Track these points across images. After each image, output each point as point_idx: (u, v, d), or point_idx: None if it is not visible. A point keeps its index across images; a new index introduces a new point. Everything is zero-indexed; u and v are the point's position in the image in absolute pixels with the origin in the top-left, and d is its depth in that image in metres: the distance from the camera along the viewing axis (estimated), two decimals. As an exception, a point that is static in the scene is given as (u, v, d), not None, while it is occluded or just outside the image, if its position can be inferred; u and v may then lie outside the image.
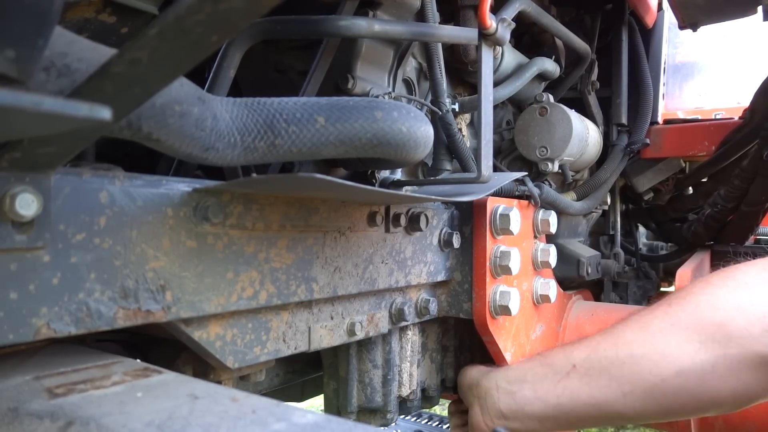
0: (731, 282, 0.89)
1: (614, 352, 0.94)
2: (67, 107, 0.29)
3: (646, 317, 0.95)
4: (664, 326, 0.91)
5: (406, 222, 0.95)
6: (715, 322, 0.86)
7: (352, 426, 0.43)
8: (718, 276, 0.93)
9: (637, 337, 0.93)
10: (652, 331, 0.92)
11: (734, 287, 0.88)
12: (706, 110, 2.56)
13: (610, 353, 0.94)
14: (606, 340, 0.97)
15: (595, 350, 0.97)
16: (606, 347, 0.96)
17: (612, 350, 0.94)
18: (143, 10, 0.70)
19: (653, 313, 0.95)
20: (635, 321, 0.97)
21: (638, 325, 0.95)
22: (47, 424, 0.45)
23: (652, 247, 2.50)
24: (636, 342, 0.93)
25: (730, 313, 0.85)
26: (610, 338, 0.97)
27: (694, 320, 0.88)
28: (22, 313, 0.49)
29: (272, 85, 1.20)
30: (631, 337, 0.94)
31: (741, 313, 0.84)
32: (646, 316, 0.96)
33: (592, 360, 0.96)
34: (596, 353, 0.96)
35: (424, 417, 3.39)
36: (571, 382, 0.97)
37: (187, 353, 0.74)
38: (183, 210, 0.62)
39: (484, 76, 1.00)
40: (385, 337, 1.07)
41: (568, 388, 0.97)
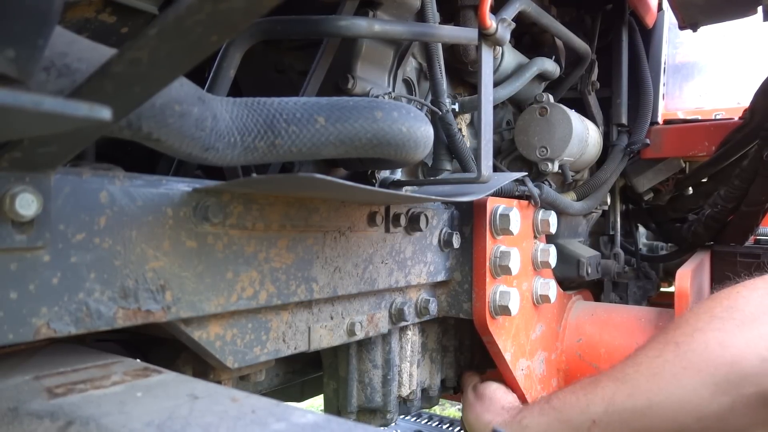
0: (737, 314, 0.89)
1: (631, 403, 0.93)
2: (67, 107, 0.29)
3: (657, 361, 0.94)
4: (677, 371, 0.90)
5: (406, 222, 0.95)
6: (728, 363, 0.86)
7: (352, 426, 0.43)
8: (721, 306, 0.92)
9: (652, 386, 0.93)
10: (665, 377, 0.91)
11: (740, 321, 0.88)
12: (706, 110, 2.56)
13: (628, 405, 0.94)
14: (621, 391, 0.96)
15: (612, 403, 0.96)
16: (623, 399, 0.95)
17: (629, 402, 0.94)
18: (143, 10, 0.70)
19: (662, 356, 0.94)
20: (646, 366, 0.95)
21: (650, 371, 0.94)
22: (47, 423, 0.45)
23: (652, 248, 2.50)
24: (652, 391, 0.92)
25: (740, 351, 0.85)
26: (625, 388, 0.96)
27: (705, 362, 0.88)
28: (22, 313, 0.49)
29: (272, 85, 1.20)
30: (646, 385, 0.93)
31: (752, 351, 0.84)
32: (656, 359, 0.94)
33: (611, 414, 0.95)
34: (614, 406, 0.95)
35: (424, 417, 3.39)
36: None
37: (187, 353, 0.74)
38: (183, 210, 0.62)
39: (484, 76, 1.00)
40: (385, 337, 1.07)
41: None
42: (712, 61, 2.65)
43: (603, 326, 1.41)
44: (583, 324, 1.43)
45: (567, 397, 1.03)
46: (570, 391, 1.03)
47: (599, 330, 1.40)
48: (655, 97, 2.03)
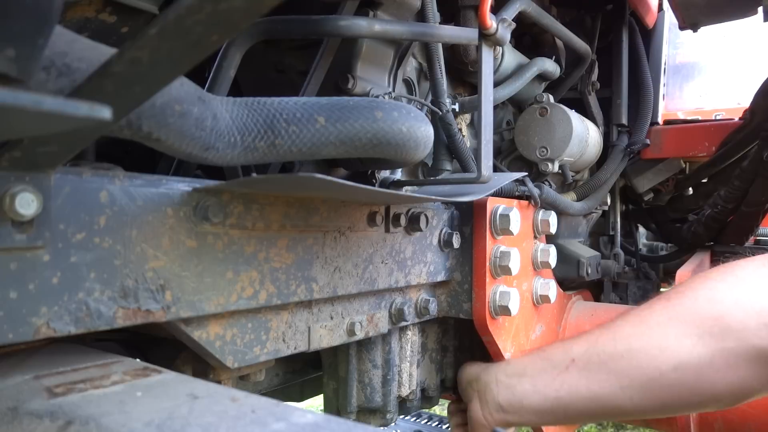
0: (730, 277, 0.90)
1: (613, 345, 0.95)
2: (67, 107, 0.29)
3: (645, 311, 0.96)
4: (662, 320, 0.91)
5: (406, 222, 0.95)
6: (713, 316, 0.86)
7: (351, 426, 0.42)
8: (717, 271, 0.93)
9: (635, 331, 0.94)
10: (650, 324, 0.93)
11: (733, 282, 0.88)
12: (707, 111, 2.56)
13: (609, 347, 0.95)
14: (605, 335, 0.98)
15: (594, 344, 0.97)
16: (605, 341, 0.96)
17: (610, 344, 0.95)
18: (144, 10, 0.70)
19: (652, 308, 0.95)
20: (634, 315, 0.97)
21: (637, 319, 0.96)
22: (47, 423, 0.45)
23: (652, 248, 2.50)
24: (634, 336, 0.93)
25: (728, 307, 0.86)
26: (609, 332, 0.97)
27: (692, 314, 0.89)
28: (22, 313, 0.49)
29: (272, 84, 1.20)
30: (630, 331, 0.95)
31: (739, 307, 0.85)
32: (645, 310, 0.96)
33: (591, 354, 0.97)
34: (595, 347, 0.97)
35: (423, 417, 3.39)
36: (570, 375, 0.97)
37: (187, 353, 0.74)
38: (183, 209, 0.62)
39: (484, 76, 1.00)
40: (385, 337, 1.07)
41: (567, 381, 0.98)
42: (713, 62, 2.65)
43: (603, 326, 1.40)
44: (583, 324, 1.43)
45: (555, 343, 1.08)
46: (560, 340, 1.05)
47: (599, 330, 1.40)
48: (656, 98, 2.03)
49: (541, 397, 1.00)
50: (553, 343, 1.08)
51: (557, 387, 0.98)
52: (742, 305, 0.84)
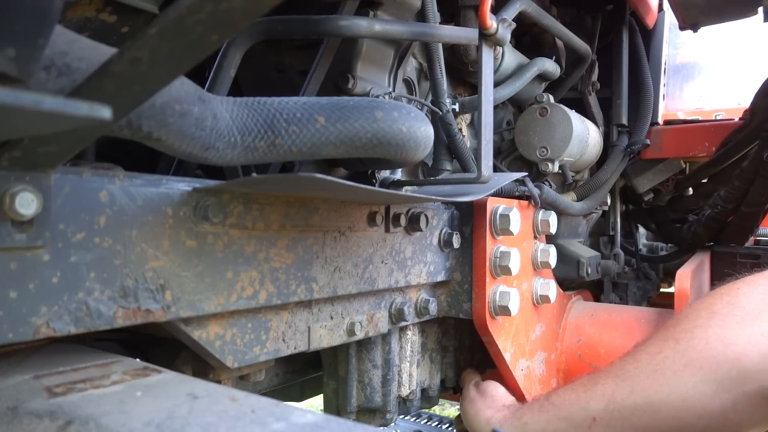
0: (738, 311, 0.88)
1: (632, 400, 0.92)
2: (67, 106, 0.29)
3: (657, 358, 0.93)
4: (678, 368, 0.90)
5: (406, 222, 0.95)
6: (729, 360, 0.85)
7: (351, 426, 0.42)
8: (722, 302, 0.92)
9: (652, 383, 0.92)
10: (665, 374, 0.91)
11: (741, 318, 0.87)
12: (707, 111, 2.56)
13: (629, 402, 0.93)
14: (621, 388, 0.95)
15: (612, 400, 0.95)
16: (623, 396, 0.94)
17: (630, 399, 0.93)
18: (144, 10, 0.70)
19: (663, 353, 0.93)
20: (646, 363, 0.95)
21: (650, 367, 0.93)
22: (46, 423, 0.45)
23: (652, 248, 2.50)
24: (653, 388, 0.91)
25: (742, 348, 0.85)
26: (625, 385, 0.95)
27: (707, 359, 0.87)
28: (22, 312, 0.49)
29: (273, 84, 1.20)
30: (647, 382, 0.92)
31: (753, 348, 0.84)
32: (657, 356, 0.94)
33: (612, 411, 0.94)
34: (614, 403, 0.94)
35: (423, 417, 3.39)
36: None
37: (187, 353, 0.74)
38: (183, 209, 0.62)
39: (484, 76, 1.00)
40: (385, 337, 1.07)
41: None
42: (713, 62, 2.65)
43: (603, 327, 1.41)
44: (583, 324, 1.43)
45: (567, 395, 1.02)
46: (570, 389, 1.03)
47: (599, 330, 1.40)
48: (656, 98, 2.03)
49: None
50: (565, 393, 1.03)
51: None
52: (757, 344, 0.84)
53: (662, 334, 0.96)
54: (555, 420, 1.01)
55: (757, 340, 0.84)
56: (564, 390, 1.04)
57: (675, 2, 1.81)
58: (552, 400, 1.04)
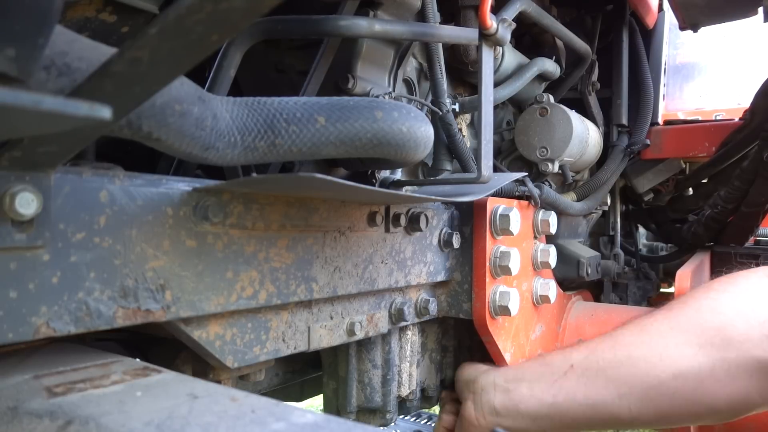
0: (733, 288, 0.90)
1: (612, 353, 0.94)
2: (67, 106, 0.29)
3: (646, 320, 0.95)
4: (664, 329, 0.91)
5: (406, 222, 0.95)
6: (715, 326, 0.86)
7: (351, 426, 0.42)
8: (720, 282, 0.93)
9: (635, 339, 0.93)
10: (651, 333, 0.92)
11: (736, 293, 0.88)
12: (707, 111, 2.56)
13: (608, 354, 0.94)
14: (605, 342, 0.97)
15: (594, 351, 0.97)
16: (604, 348, 0.96)
17: (610, 352, 0.94)
18: (144, 9, 0.70)
19: (653, 317, 0.95)
20: (635, 324, 0.97)
21: (638, 327, 0.95)
22: (46, 423, 0.45)
23: (652, 248, 2.50)
24: (634, 344, 0.93)
25: (730, 317, 0.85)
26: (610, 340, 0.97)
27: (694, 324, 0.88)
28: (22, 312, 0.49)
29: (273, 84, 1.20)
30: (630, 339, 0.94)
31: (741, 318, 0.84)
32: (647, 319, 0.96)
33: (590, 361, 0.96)
34: (594, 354, 0.96)
35: (423, 417, 3.39)
36: (568, 382, 0.97)
37: (187, 353, 0.74)
38: (183, 209, 0.62)
39: (484, 76, 1.00)
40: (385, 337, 1.07)
41: (564, 387, 0.97)
42: (713, 62, 2.65)
43: (603, 327, 1.40)
44: (583, 324, 1.43)
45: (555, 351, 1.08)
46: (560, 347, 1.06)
47: (599, 330, 1.40)
48: (656, 98, 2.03)
49: (537, 402, 0.99)
50: (554, 351, 1.07)
51: (554, 392, 0.97)
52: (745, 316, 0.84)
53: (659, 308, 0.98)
54: (536, 365, 1.05)
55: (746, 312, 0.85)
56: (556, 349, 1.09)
57: (675, 2, 1.81)
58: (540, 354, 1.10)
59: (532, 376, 1.02)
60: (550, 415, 0.98)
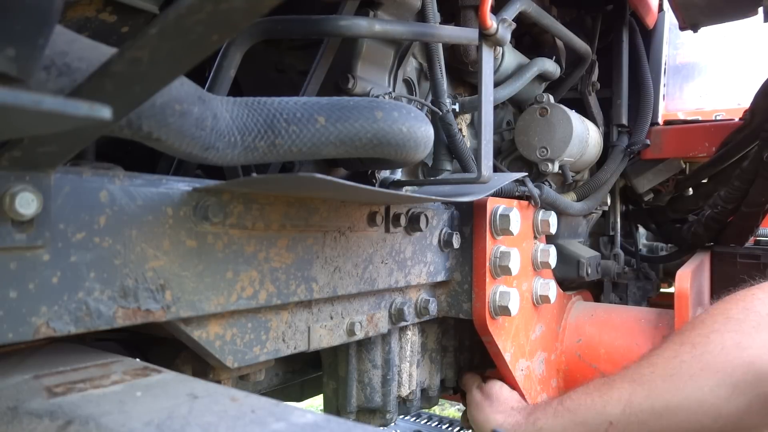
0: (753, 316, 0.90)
1: (649, 404, 0.93)
2: (68, 106, 0.29)
3: (673, 362, 0.94)
4: (694, 372, 0.91)
5: (406, 222, 0.95)
6: (745, 363, 0.86)
7: (351, 426, 0.42)
8: (737, 308, 0.93)
9: (669, 387, 0.93)
10: (682, 378, 0.92)
11: (757, 323, 0.89)
12: (707, 111, 2.56)
13: (645, 406, 0.94)
14: (637, 392, 0.96)
15: (629, 404, 0.95)
16: (640, 400, 0.95)
17: (647, 403, 0.94)
18: (144, 10, 0.70)
19: (679, 357, 0.94)
20: (662, 366, 0.95)
21: (666, 371, 0.94)
22: (46, 422, 0.45)
23: (652, 248, 2.50)
24: (669, 392, 0.92)
25: (757, 352, 0.86)
26: (642, 389, 0.95)
27: (723, 363, 0.88)
28: (22, 312, 0.49)
29: (273, 84, 1.20)
30: (663, 386, 0.93)
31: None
32: (673, 360, 0.94)
33: (629, 415, 0.95)
34: (631, 407, 0.95)
35: (423, 417, 3.39)
36: None
37: (187, 353, 0.74)
38: (183, 209, 0.62)
39: (484, 76, 1.00)
40: (385, 337, 1.07)
41: None
42: (713, 62, 2.65)
43: (603, 327, 1.41)
44: (583, 324, 1.43)
45: (581, 399, 1.03)
46: (584, 392, 1.03)
47: (599, 330, 1.40)
48: (656, 98, 2.03)
49: None
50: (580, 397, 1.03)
51: None
52: None
53: (678, 339, 0.97)
54: (571, 425, 1.01)
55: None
56: (578, 394, 1.04)
57: (675, 2, 1.81)
58: (566, 405, 1.04)
59: None
60: None
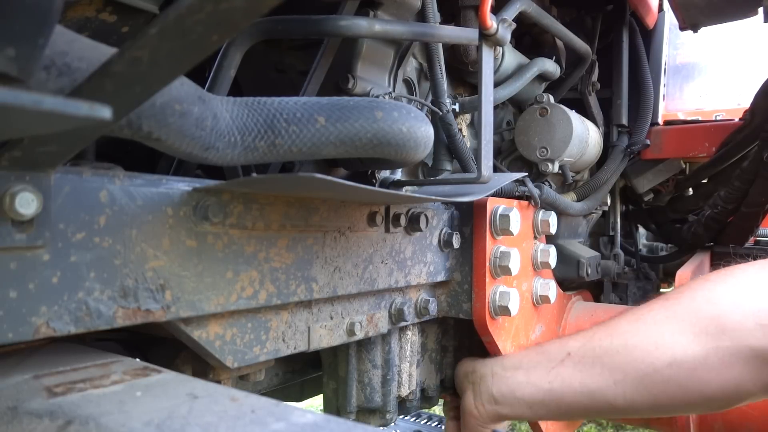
0: (730, 279, 0.91)
1: (609, 341, 0.96)
2: (68, 106, 0.29)
3: (643, 310, 0.97)
4: (660, 318, 0.93)
5: (406, 222, 0.95)
6: (710, 316, 0.87)
7: (351, 426, 0.42)
8: (717, 274, 0.95)
9: (631, 328, 0.95)
10: (646, 321, 0.94)
11: (732, 284, 0.90)
12: (707, 111, 2.56)
13: (605, 342, 0.96)
14: (601, 331, 0.99)
15: (590, 339, 0.99)
16: (601, 337, 0.98)
17: (606, 340, 0.96)
18: (144, 9, 0.70)
19: (650, 307, 0.97)
20: (632, 313, 0.99)
21: (634, 316, 0.97)
22: (46, 422, 0.45)
23: (652, 248, 2.50)
24: (630, 332, 0.95)
25: (725, 307, 0.87)
26: (606, 329, 0.99)
27: (689, 313, 0.90)
28: (22, 312, 0.49)
29: (273, 84, 1.20)
30: (626, 327, 0.96)
31: (736, 308, 0.86)
32: (643, 308, 0.98)
33: (587, 348, 0.98)
34: (591, 342, 0.98)
35: (423, 417, 3.39)
36: (565, 369, 0.99)
37: (187, 353, 0.74)
38: (183, 209, 0.62)
39: (484, 76, 1.00)
40: (385, 337, 1.07)
41: (561, 374, 0.99)
42: (713, 62, 2.65)
43: (603, 327, 1.41)
44: (583, 324, 1.43)
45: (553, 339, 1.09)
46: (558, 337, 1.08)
47: (599, 330, 1.40)
48: (656, 98, 2.03)
49: (533, 389, 1.01)
50: (552, 340, 1.09)
51: (551, 379, 0.99)
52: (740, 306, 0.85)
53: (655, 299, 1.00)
54: (533, 353, 1.07)
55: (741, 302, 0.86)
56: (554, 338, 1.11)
57: (675, 3, 1.81)
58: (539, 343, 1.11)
59: (529, 363, 1.04)
60: (546, 402, 1.00)
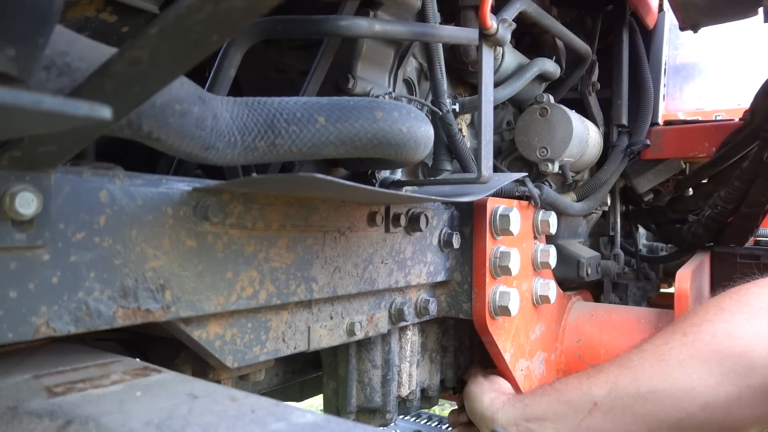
0: (746, 308, 0.89)
1: (635, 388, 0.92)
2: (68, 106, 0.29)
3: (662, 348, 0.93)
4: (683, 358, 0.89)
5: (406, 222, 0.95)
6: (735, 353, 0.85)
7: (351, 426, 0.42)
8: (731, 300, 0.92)
9: (656, 372, 0.92)
10: (671, 363, 0.90)
11: (750, 314, 0.87)
12: (707, 111, 2.56)
13: (631, 389, 0.93)
14: (625, 375, 0.95)
15: (615, 386, 0.94)
16: (626, 383, 0.94)
17: (632, 386, 0.93)
18: (144, 9, 0.70)
19: (669, 344, 0.93)
20: (652, 351, 0.95)
21: (656, 357, 0.93)
22: (46, 422, 0.45)
23: (652, 248, 2.50)
24: (656, 376, 0.91)
25: (749, 342, 0.85)
26: (629, 373, 0.95)
27: (713, 351, 0.87)
28: (22, 312, 0.49)
29: (273, 84, 1.20)
30: (650, 371, 0.92)
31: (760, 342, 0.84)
32: (663, 347, 0.94)
33: (614, 397, 0.94)
34: (617, 390, 0.94)
35: (423, 417, 3.39)
36: (594, 421, 0.95)
37: (187, 352, 0.74)
38: (183, 209, 0.62)
39: (484, 76, 1.00)
40: (385, 337, 1.07)
41: (592, 427, 0.95)
42: (713, 63, 2.65)
43: (602, 327, 1.41)
44: (583, 325, 1.43)
45: (570, 381, 1.03)
46: (574, 376, 1.03)
47: (599, 331, 1.40)
48: (656, 98, 2.02)
49: None
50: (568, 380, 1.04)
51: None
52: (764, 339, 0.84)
53: (669, 329, 0.96)
54: (556, 403, 1.02)
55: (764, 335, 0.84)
56: (568, 377, 1.05)
57: (675, 3, 1.81)
58: (555, 386, 1.05)
59: (555, 415, 1.00)
60: None
